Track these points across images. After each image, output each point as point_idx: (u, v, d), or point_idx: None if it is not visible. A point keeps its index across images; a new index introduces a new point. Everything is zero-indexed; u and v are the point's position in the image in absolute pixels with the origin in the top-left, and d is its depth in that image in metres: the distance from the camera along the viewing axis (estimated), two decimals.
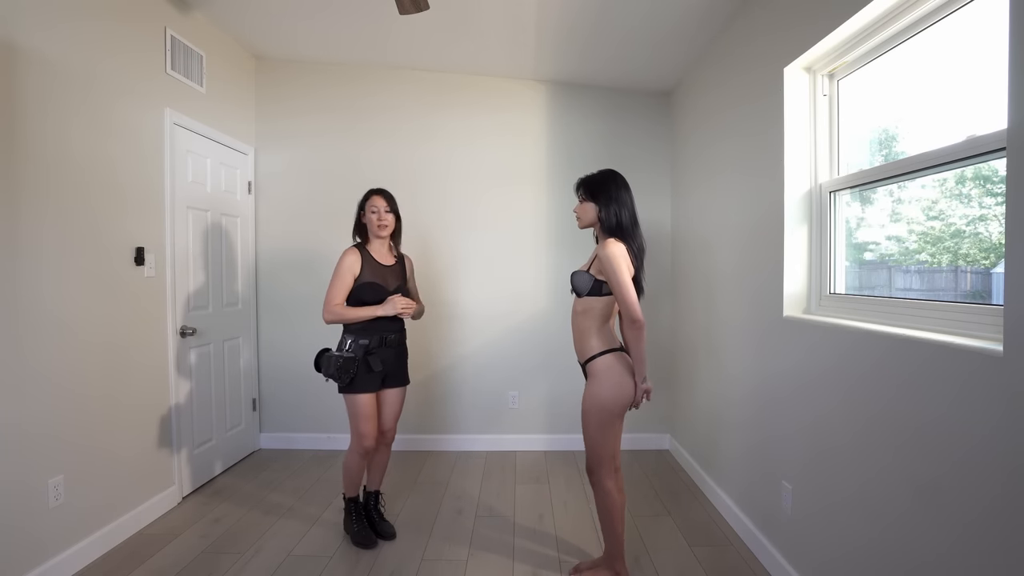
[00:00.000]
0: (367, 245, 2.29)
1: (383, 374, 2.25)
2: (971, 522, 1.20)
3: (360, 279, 2.20)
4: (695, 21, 2.57)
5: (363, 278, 2.20)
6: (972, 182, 1.49)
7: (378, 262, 2.26)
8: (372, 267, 2.24)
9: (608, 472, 1.89)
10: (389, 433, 2.35)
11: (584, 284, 1.89)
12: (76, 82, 2.07)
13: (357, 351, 2.18)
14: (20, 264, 1.84)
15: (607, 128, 3.50)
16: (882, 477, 1.48)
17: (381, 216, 2.24)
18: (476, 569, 2.11)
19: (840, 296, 1.90)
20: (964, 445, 1.22)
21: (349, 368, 2.13)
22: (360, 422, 2.19)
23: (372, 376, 2.20)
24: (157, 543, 2.27)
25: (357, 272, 2.20)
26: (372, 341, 2.21)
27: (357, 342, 2.19)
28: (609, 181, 1.92)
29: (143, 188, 2.43)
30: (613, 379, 1.85)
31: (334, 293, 2.17)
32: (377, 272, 2.24)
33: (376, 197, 2.26)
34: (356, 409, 2.19)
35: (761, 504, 2.19)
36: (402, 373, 2.34)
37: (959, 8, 1.42)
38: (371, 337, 2.21)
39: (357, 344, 2.19)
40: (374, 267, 2.24)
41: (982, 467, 1.17)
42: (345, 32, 2.96)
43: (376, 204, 2.24)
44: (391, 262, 2.32)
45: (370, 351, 2.20)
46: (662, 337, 3.48)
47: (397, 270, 2.32)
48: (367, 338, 2.20)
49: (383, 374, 2.25)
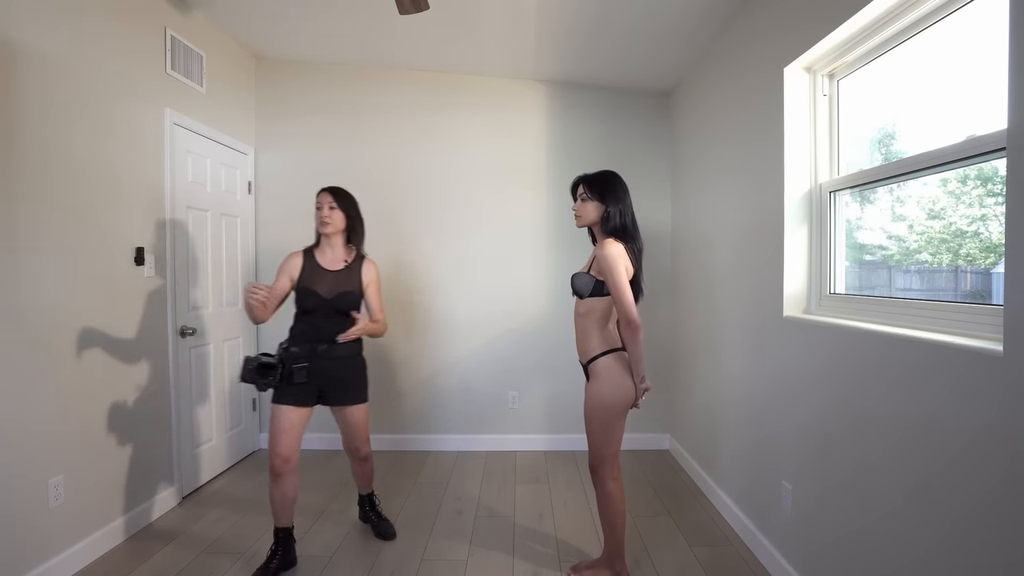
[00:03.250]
0: (316, 247, 2.17)
1: (317, 389, 2.07)
2: (971, 522, 1.19)
3: (298, 283, 2.07)
4: (695, 21, 2.57)
5: (300, 282, 2.07)
6: (973, 182, 1.49)
7: (320, 266, 2.11)
8: (312, 272, 2.09)
9: (611, 471, 1.89)
10: (358, 452, 2.23)
11: (585, 286, 1.89)
12: (76, 82, 2.07)
13: (287, 358, 2.01)
14: (20, 264, 1.84)
15: (607, 128, 3.50)
16: (883, 477, 1.48)
17: (324, 212, 2.10)
18: (476, 569, 2.11)
19: (840, 296, 1.90)
20: (965, 445, 1.22)
21: (266, 374, 1.94)
22: (272, 436, 2.01)
23: (296, 388, 2.00)
24: (157, 543, 2.27)
25: (296, 275, 2.08)
26: (303, 350, 2.03)
27: (288, 349, 2.04)
28: (615, 181, 1.94)
29: (143, 188, 2.43)
30: (615, 379, 1.85)
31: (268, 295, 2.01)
32: (315, 277, 2.08)
33: (323, 193, 2.13)
34: (272, 421, 2.02)
35: (761, 504, 2.19)
36: (351, 390, 2.13)
37: (959, 8, 1.42)
38: (301, 346, 2.04)
39: (286, 351, 2.03)
40: (313, 272, 2.09)
41: (983, 467, 1.17)
42: (345, 32, 2.96)
43: (321, 200, 2.12)
44: (338, 267, 2.14)
45: (298, 360, 2.01)
46: (662, 337, 3.48)
47: (344, 276, 2.13)
48: (298, 346, 2.04)
49: (317, 389, 2.07)
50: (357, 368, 2.19)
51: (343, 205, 2.15)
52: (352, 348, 2.15)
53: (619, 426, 1.88)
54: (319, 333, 2.06)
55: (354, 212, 2.20)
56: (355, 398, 2.16)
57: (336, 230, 2.14)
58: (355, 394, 2.16)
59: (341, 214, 2.14)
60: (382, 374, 3.46)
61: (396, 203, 3.44)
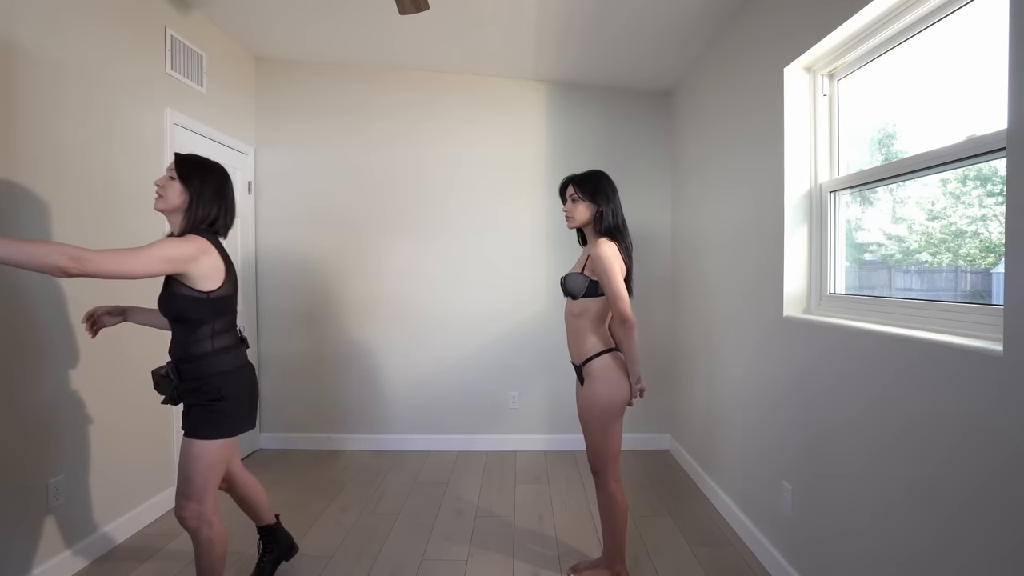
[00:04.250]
0: None
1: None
2: (972, 522, 1.20)
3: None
4: (695, 21, 2.57)
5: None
6: (973, 182, 1.49)
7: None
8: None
9: (613, 473, 1.89)
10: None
11: (580, 286, 1.89)
12: (77, 82, 2.07)
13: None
14: None
15: (607, 128, 3.50)
16: (883, 477, 1.48)
17: (159, 182, 1.62)
18: (476, 569, 2.11)
19: (840, 296, 1.90)
20: (965, 445, 1.22)
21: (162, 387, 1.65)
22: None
23: None
24: (157, 543, 2.27)
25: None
26: None
27: None
28: (605, 181, 1.94)
29: (143, 188, 2.42)
30: (612, 379, 1.85)
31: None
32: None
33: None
34: None
35: (761, 504, 2.19)
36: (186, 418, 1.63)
37: (959, 8, 1.42)
38: None
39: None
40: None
41: (982, 466, 1.17)
42: (345, 32, 2.96)
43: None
44: None
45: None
46: (662, 337, 3.48)
47: None
48: None
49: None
50: (184, 393, 1.62)
51: (185, 174, 1.61)
52: (170, 367, 1.63)
53: (617, 426, 1.88)
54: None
55: (198, 187, 1.62)
56: (186, 426, 1.63)
57: (169, 207, 1.62)
58: (186, 423, 1.63)
59: (179, 186, 1.60)
60: (383, 375, 3.46)
61: (396, 203, 3.44)
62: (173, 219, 1.64)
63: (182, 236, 1.59)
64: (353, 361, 3.47)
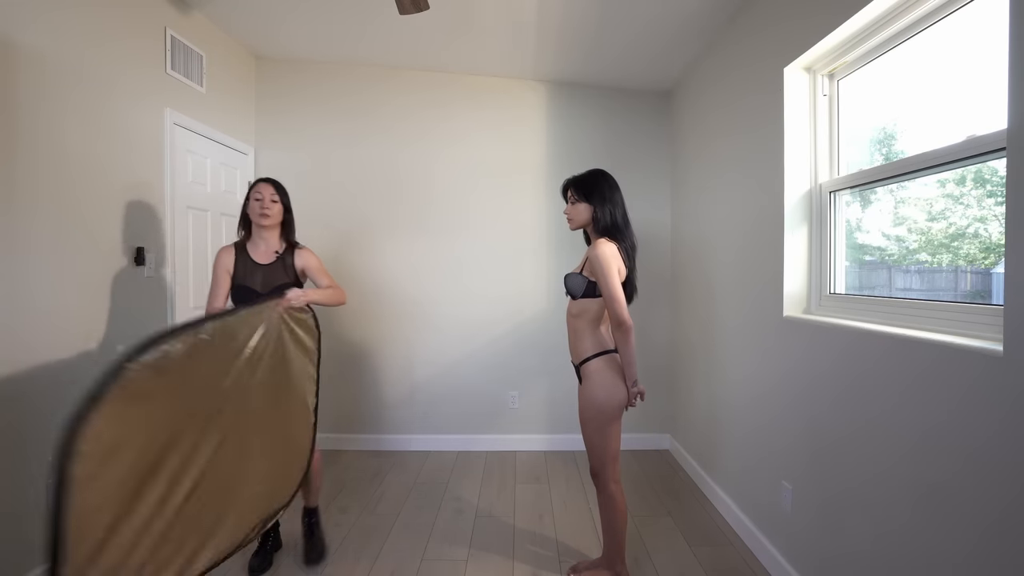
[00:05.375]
0: (247, 241, 2.10)
1: None
2: (971, 521, 1.20)
3: (233, 280, 2.02)
4: (695, 21, 2.58)
5: (235, 279, 2.02)
6: (972, 182, 1.49)
7: (253, 260, 2.05)
8: (245, 267, 2.04)
9: (613, 474, 1.89)
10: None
11: (578, 286, 1.89)
12: (77, 82, 2.07)
13: None
14: (19, 264, 1.84)
15: (607, 128, 3.50)
16: (882, 476, 1.48)
17: (265, 204, 2.03)
18: (476, 569, 2.11)
19: (840, 296, 1.90)
20: (964, 445, 1.22)
21: None
22: None
23: None
24: None
25: (231, 269, 2.02)
26: None
27: None
28: (601, 181, 1.93)
29: (143, 188, 2.43)
30: (607, 382, 1.85)
31: (212, 296, 1.99)
32: (249, 272, 2.03)
33: (262, 184, 2.06)
34: None
35: (761, 504, 2.19)
36: None
37: (959, 8, 1.42)
38: None
39: None
40: (247, 267, 2.04)
41: (982, 466, 1.17)
42: (345, 32, 2.96)
43: (261, 191, 2.04)
44: (270, 260, 2.07)
45: None
46: (662, 337, 3.48)
47: (276, 268, 2.07)
48: None
49: None
50: None
51: (283, 199, 2.10)
52: None
53: (615, 428, 1.88)
54: None
55: (289, 205, 2.13)
56: None
57: (275, 223, 2.08)
58: None
59: (281, 207, 2.08)
60: (383, 374, 3.46)
61: (396, 203, 3.44)
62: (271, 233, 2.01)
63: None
64: (353, 361, 3.47)
